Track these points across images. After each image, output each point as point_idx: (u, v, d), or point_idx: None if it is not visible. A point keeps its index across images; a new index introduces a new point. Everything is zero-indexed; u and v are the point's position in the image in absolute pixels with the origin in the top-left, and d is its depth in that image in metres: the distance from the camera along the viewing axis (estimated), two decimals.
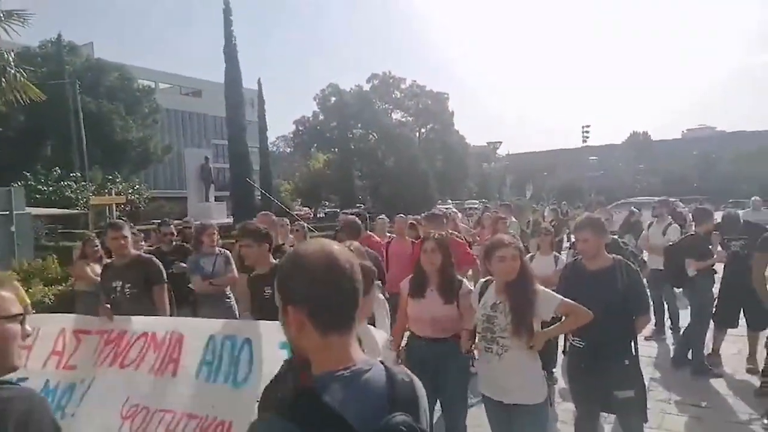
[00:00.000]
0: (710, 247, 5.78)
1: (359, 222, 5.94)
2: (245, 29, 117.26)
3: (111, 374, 3.03)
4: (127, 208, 28.12)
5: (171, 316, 4.35)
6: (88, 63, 36.15)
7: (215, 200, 26.22)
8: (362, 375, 1.14)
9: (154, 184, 48.76)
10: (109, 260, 4.81)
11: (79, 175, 26.57)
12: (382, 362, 1.19)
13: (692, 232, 6.13)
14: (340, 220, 7.29)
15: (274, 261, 3.79)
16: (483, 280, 3.26)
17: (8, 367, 1.40)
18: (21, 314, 1.44)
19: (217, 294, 5.27)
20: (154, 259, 4.43)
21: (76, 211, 23.63)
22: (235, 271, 5.20)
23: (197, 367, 2.84)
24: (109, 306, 3.61)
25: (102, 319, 3.40)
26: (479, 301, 3.13)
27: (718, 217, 6.64)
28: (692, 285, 5.73)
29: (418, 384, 1.23)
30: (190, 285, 5.38)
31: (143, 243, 6.24)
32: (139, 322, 3.26)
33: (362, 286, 1.21)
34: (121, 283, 4.20)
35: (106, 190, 27.77)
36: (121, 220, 4.94)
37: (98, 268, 5.38)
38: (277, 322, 2.99)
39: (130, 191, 29.88)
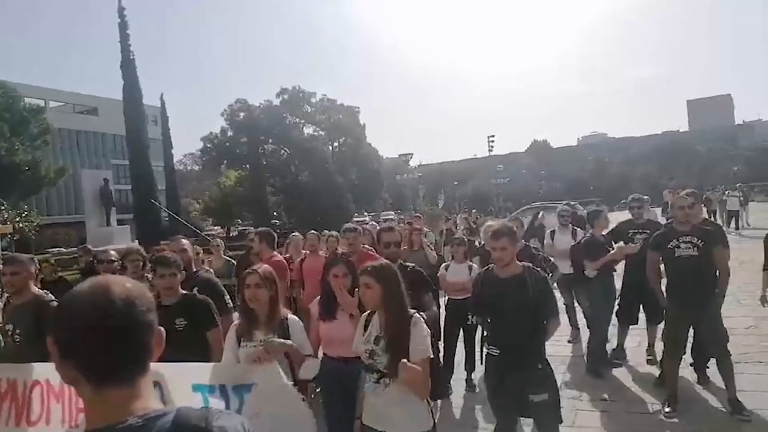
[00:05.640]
0: (608, 246, 5.76)
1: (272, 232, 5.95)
2: (145, 43, 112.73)
3: None
4: (15, 238, 25.72)
5: None
6: None
7: (118, 224, 24.65)
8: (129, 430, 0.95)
9: (47, 210, 45.21)
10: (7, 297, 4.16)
11: None
12: (179, 411, 1.00)
13: (589, 234, 6.13)
14: (249, 238, 7.01)
15: (183, 291, 3.55)
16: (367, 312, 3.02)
17: None
18: None
19: None
20: (52, 303, 3.73)
21: None
22: None
23: None
24: None
25: None
26: (363, 333, 2.91)
27: (618, 216, 6.80)
28: (588, 286, 5.86)
29: None
30: None
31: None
32: (26, 370, 2.74)
33: (149, 325, 1.03)
34: (12, 326, 3.63)
35: None
36: (23, 254, 4.28)
37: None
38: (190, 363, 2.71)
39: (17, 219, 27.37)
